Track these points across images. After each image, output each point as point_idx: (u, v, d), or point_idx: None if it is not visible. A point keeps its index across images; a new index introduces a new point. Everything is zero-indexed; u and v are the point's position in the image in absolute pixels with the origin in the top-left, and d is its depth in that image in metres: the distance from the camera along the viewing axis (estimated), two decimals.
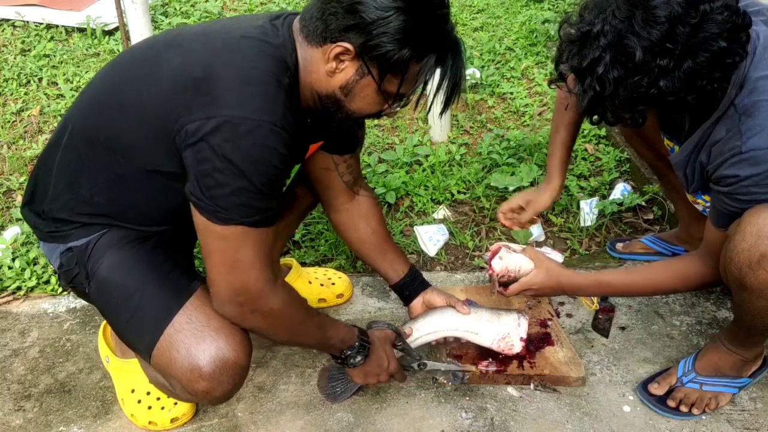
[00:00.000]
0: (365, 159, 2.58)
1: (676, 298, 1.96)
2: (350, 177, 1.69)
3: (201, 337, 1.34)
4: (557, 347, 1.76)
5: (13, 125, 2.88)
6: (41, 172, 1.50)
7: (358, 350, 1.51)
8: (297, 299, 1.41)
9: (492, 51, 3.33)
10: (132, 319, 1.40)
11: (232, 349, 1.35)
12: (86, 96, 1.46)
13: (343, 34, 1.23)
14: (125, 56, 1.46)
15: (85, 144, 1.41)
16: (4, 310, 2.03)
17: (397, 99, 1.32)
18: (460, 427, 1.62)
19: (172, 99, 1.25)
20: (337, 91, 1.30)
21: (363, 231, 1.73)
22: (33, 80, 3.18)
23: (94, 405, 1.70)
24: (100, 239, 1.44)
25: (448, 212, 2.38)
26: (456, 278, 2.11)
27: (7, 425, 1.66)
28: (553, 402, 1.67)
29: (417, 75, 1.28)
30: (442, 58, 1.28)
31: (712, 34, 1.20)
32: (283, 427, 1.63)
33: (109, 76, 1.43)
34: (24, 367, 1.82)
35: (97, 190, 1.42)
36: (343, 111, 1.33)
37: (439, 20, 1.26)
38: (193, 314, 1.37)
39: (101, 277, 1.43)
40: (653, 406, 1.64)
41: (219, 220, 1.24)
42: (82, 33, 3.57)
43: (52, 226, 1.48)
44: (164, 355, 1.36)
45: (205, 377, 1.34)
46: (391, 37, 1.21)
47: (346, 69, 1.26)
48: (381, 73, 1.26)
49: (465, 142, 2.72)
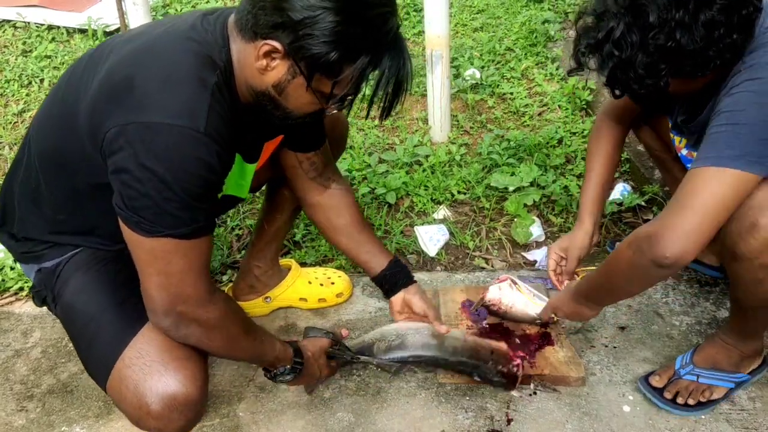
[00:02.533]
0: (366, 159, 2.59)
1: (675, 297, 1.97)
2: (315, 174, 1.66)
3: (149, 372, 1.29)
4: (557, 347, 1.77)
5: (14, 126, 2.89)
6: (7, 193, 1.48)
7: (288, 371, 1.50)
8: (235, 313, 1.37)
9: (492, 51, 3.34)
10: (89, 348, 1.37)
11: (182, 384, 1.29)
12: (40, 110, 1.42)
13: (272, 32, 1.15)
14: (73, 66, 1.39)
15: (39, 160, 1.38)
16: (6, 310, 2.04)
17: (334, 99, 1.25)
18: (460, 426, 1.62)
19: (97, 106, 1.20)
20: (270, 89, 1.23)
21: (337, 223, 1.71)
22: (34, 81, 3.19)
23: (97, 405, 1.71)
24: (69, 261, 1.42)
25: (449, 212, 2.38)
26: (456, 278, 2.11)
27: (10, 425, 1.67)
28: (553, 402, 1.68)
29: (350, 77, 1.20)
30: (376, 60, 1.20)
31: None
32: (284, 426, 1.64)
33: (58, 89, 1.38)
34: (26, 367, 1.83)
35: (58, 208, 1.40)
36: (279, 109, 1.27)
37: (374, 20, 1.18)
38: (143, 348, 1.31)
39: (65, 301, 1.41)
40: (653, 397, 1.64)
41: (144, 232, 1.18)
42: (84, 34, 3.58)
43: (25, 246, 1.46)
44: (116, 390, 1.32)
45: (153, 416, 1.29)
46: (317, 39, 1.13)
47: (278, 67, 1.19)
48: (310, 74, 1.18)
49: (465, 143, 2.73)
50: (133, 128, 1.14)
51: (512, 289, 1.76)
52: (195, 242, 1.22)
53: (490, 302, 1.76)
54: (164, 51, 1.22)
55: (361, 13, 1.16)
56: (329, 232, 1.73)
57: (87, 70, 1.30)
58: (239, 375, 1.78)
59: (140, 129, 1.14)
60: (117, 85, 1.19)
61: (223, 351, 1.40)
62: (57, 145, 1.33)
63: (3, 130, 2.83)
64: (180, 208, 1.17)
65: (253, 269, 1.93)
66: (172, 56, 1.21)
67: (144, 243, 1.19)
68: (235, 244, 2.27)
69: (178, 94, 1.17)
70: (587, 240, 1.80)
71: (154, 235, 1.18)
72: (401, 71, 1.23)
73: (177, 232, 1.19)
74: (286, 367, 1.50)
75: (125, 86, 1.18)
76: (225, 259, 2.20)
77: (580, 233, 1.81)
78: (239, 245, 2.27)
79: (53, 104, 1.37)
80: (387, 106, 1.27)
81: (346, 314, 1.97)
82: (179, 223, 1.18)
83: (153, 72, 1.19)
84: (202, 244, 1.24)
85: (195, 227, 1.21)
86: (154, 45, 1.24)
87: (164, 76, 1.18)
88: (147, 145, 1.13)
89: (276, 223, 1.87)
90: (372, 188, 2.44)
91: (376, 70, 1.21)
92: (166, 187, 1.14)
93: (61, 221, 1.41)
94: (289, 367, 1.50)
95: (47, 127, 1.36)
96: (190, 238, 1.21)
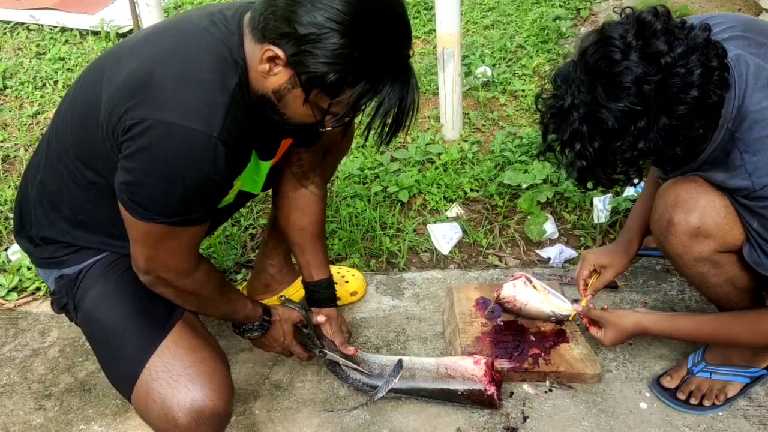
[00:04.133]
0: (378, 158, 2.59)
1: (692, 294, 1.96)
2: (298, 170, 1.65)
3: (176, 387, 1.30)
4: (572, 344, 1.76)
5: (29, 128, 2.92)
6: (24, 197, 1.49)
7: (256, 327, 1.57)
8: (213, 279, 1.41)
9: (503, 49, 3.33)
10: (112, 360, 1.39)
11: (209, 399, 1.31)
12: (60, 109, 1.43)
13: (279, 39, 1.15)
14: (94, 64, 1.41)
15: (59, 161, 1.39)
16: (23, 310, 2.05)
17: (332, 117, 1.23)
18: (476, 424, 1.62)
19: (117, 100, 1.21)
20: (270, 93, 1.22)
21: (294, 222, 1.69)
22: (48, 83, 3.21)
23: (114, 403, 1.72)
24: (91, 269, 1.43)
25: (461, 210, 2.38)
26: (470, 276, 2.11)
27: (29, 424, 1.68)
28: (569, 399, 1.67)
29: (348, 99, 1.18)
30: (375, 88, 1.17)
31: (681, 86, 1.18)
32: (300, 424, 1.65)
33: (78, 86, 1.39)
34: (44, 366, 1.85)
35: (78, 209, 1.40)
36: (277, 114, 1.26)
37: (380, 47, 1.16)
38: (169, 362, 1.33)
39: (86, 310, 1.42)
40: (667, 400, 1.64)
41: (140, 217, 1.22)
42: (96, 36, 3.60)
43: (45, 251, 1.46)
44: (141, 402, 1.33)
45: (181, 429, 1.30)
46: (317, 59, 1.12)
47: (279, 75, 1.18)
48: (309, 89, 1.17)
49: (477, 140, 2.72)
50: (149, 123, 1.16)
51: (527, 286, 1.76)
52: (188, 228, 1.27)
53: (505, 300, 1.76)
54: (185, 48, 1.23)
55: (367, 38, 1.13)
56: (285, 224, 1.72)
57: (109, 66, 1.31)
58: (255, 373, 1.79)
59: (155, 125, 1.16)
60: (138, 80, 1.20)
61: (195, 309, 1.46)
62: (79, 144, 1.35)
63: (18, 132, 2.86)
64: (179, 202, 1.21)
65: (267, 267, 1.94)
66: (192, 54, 1.22)
67: (138, 225, 1.24)
68: (249, 243, 2.28)
69: (196, 95, 1.18)
70: (627, 265, 1.75)
71: (149, 221, 1.23)
72: (403, 102, 1.21)
73: (171, 220, 1.23)
74: (254, 324, 1.56)
75: (145, 81, 1.19)
76: (239, 258, 2.21)
77: (624, 257, 1.73)
78: (253, 244, 2.27)
79: (74, 104, 1.38)
80: (386, 135, 1.24)
81: (360, 312, 1.98)
82: (175, 213, 1.23)
83: (174, 69, 1.20)
84: (195, 229, 1.29)
85: (190, 218, 1.26)
86: (175, 41, 1.25)
87: (184, 75, 1.19)
88: (159, 142, 1.16)
89: None
90: (384, 186, 2.44)
91: (374, 97, 1.19)
92: (169, 181, 1.18)
93: (81, 222, 1.42)
94: (257, 324, 1.56)
95: (69, 125, 1.37)
96: (183, 226, 1.26)
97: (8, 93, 3.15)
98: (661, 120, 1.20)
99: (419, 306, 2.00)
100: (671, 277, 2.03)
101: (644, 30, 1.20)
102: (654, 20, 1.20)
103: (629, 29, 1.20)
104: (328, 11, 1.10)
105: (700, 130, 1.24)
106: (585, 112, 1.23)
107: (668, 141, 1.22)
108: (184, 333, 1.38)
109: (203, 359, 1.35)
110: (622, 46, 1.19)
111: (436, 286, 2.07)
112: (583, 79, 1.23)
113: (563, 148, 1.30)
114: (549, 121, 1.31)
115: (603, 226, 2.26)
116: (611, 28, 1.22)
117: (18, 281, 2.11)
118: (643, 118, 1.20)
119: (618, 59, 1.19)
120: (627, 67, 1.18)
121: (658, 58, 1.17)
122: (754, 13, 3.43)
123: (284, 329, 1.63)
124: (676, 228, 1.42)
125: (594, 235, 2.24)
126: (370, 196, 2.39)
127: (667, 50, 1.17)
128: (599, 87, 1.21)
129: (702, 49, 1.20)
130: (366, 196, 2.39)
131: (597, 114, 1.22)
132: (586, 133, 1.23)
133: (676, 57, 1.17)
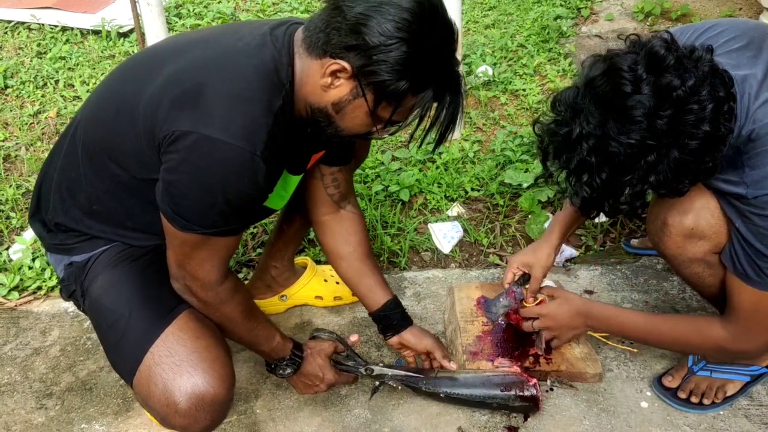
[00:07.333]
0: (379, 157, 2.59)
1: (693, 293, 1.96)
2: (335, 191, 1.64)
3: (178, 372, 1.32)
4: (573, 343, 1.76)
5: (30, 127, 2.92)
6: (44, 180, 1.50)
7: (287, 363, 1.53)
8: (237, 301, 1.41)
9: (504, 48, 3.33)
10: (117, 344, 1.40)
11: (210, 385, 1.32)
12: (91, 100, 1.45)
13: (343, 52, 1.19)
14: (132, 60, 1.44)
15: (84, 150, 1.40)
16: (25, 309, 2.06)
17: (389, 124, 1.29)
18: (477, 423, 1.62)
19: (162, 105, 1.23)
20: (329, 106, 1.26)
21: (342, 250, 1.67)
22: (50, 82, 3.21)
23: (115, 402, 1.72)
24: (100, 257, 1.44)
25: (462, 209, 2.38)
26: (471, 275, 2.11)
27: (30, 423, 1.68)
28: (570, 398, 1.67)
29: (412, 107, 1.25)
30: (440, 94, 1.24)
31: (694, 122, 1.17)
32: (301, 423, 1.65)
33: (113, 80, 1.42)
34: (45, 365, 1.85)
35: (95, 199, 1.42)
36: (332, 127, 1.30)
37: (443, 56, 1.23)
38: (173, 347, 1.34)
39: (93, 296, 1.43)
40: (668, 399, 1.64)
41: (180, 227, 1.27)
42: (97, 35, 3.60)
43: (57, 238, 1.48)
44: (143, 387, 1.34)
45: (181, 414, 1.31)
46: (390, 67, 1.17)
47: (341, 87, 1.22)
48: (375, 99, 1.22)
49: (478, 140, 2.72)
50: (196, 138, 1.19)
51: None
52: (223, 239, 1.31)
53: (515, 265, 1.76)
54: (236, 65, 1.25)
55: (432, 47, 1.19)
56: (332, 256, 1.70)
57: (149, 65, 1.33)
58: (256, 372, 1.79)
59: (201, 140, 1.19)
60: (187, 90, 1.23)
61: (217, 325, 1.45)
62: (108, 137, 1.36)
63: (19, 131, 2.86)
64: (218, 215, 1.26)
65: (270, 269, 1.94)
66: (244, 73, 1.24)
67: (178, 234, 1.29)
68: (250, 242, 2.28)
69: (243, 114, 1.21)
70: (552, 258, 1.73)
71: (189, 231, 1.27)
72: (458, 108, 1.28)
73: (209, 231, 1.28)
74: (285, 359, 1.53)
75: (194, 93, 1.22)
76: (240, 257, 2.21)
77: (545, 250, 1.73)
78: (254, 243, 2.27)
79: (107, 97, 1.39)
80: (440, 137, 1.30)
81: (362, 312, 1.98)
82: (214, 224, 1.27)
83: (224, 86, 1.23)
84: (230, 241, 1.33)
85: (227, 229, 1.30)
86: (226, 56, 1.27)
87: (233, 93, 1.22)
88: (204, 157, 1.19)
89: (295, 224, 1.87)
90: (385, 186, 2.44)
91: (436, 103, 1.25)
92: (211, 195, 1.22)
93: (96, 212, 1.43)
94: (288, 358, 1.53)
95: (99, 117, 1.38)
96: (219, 236, 1.30)
97: (9, 92, 3.15)
98: (672, 154, 1.19)
99: (420, 305, 2.00)
100: (672, 276, 2.03)
101: (655, 62, 1.19)
102: (666, 53, 1.19)
103: (639, 61, 1.19)
104: (397, 21, 1.15)
105: (709, 163, 1.24)
106: (594, 143, 1.22)
107: (677, 174, 1.22)
108: (190, 321, 1.38)
109: (207, 346, 1.36)
110: (632, 78, 1.18)
111: (437, 285, 2.07)
112: (592, 110, 1.22)
113: (569, 176, 1.29)
114: (549, 147, 1.30)
115: (604, 225, 2.26)
116: (620, 59, 1.21)
117: (19, 280, 2.11)
118: (654, 152, 1.19)
119: (629, 92, 1.18)
120: (639, 101, 1.17)
121: (670, 92, 1.16)
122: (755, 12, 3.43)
123: (319, 363, 1.57)
124: (671, 229, 1.43)
125: (595, 234, 2.24)
126: (371, 196, 2.40)
127: (679, 84, 1.17)
128: (610, 120, 1.20)
129: (710, 79, 1.19)
130: (367, 196, 2.39)
131: (607, 146, 1.21)
132: (595, 164, 1.23)
133: (688, 91, 1.17)
